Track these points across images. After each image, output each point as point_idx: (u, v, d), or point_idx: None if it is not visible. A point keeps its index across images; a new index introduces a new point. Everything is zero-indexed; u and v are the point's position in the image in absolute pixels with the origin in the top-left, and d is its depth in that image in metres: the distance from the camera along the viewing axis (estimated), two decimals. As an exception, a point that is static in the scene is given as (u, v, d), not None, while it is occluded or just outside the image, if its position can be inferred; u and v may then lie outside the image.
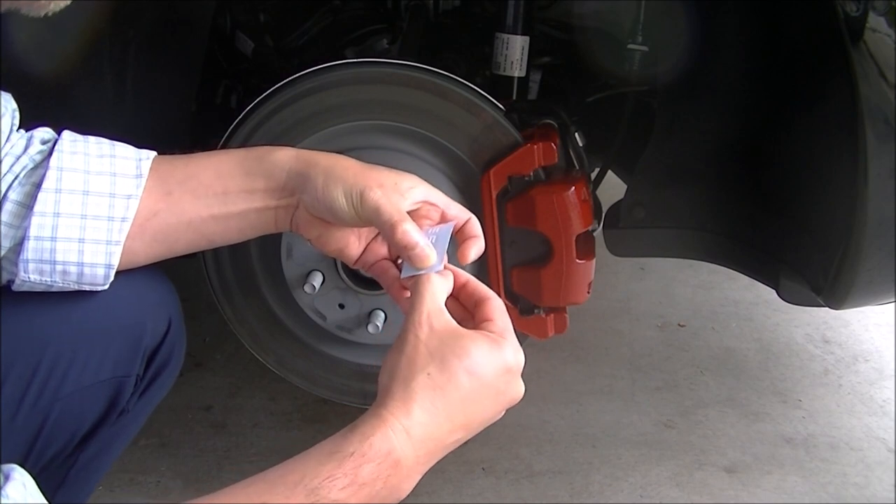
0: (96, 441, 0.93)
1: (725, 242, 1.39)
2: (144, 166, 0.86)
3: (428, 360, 0.71)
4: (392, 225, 0.79)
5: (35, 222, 0.80)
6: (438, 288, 0.77)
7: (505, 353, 0.74)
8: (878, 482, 1.57)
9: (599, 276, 1.35)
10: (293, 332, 1.39)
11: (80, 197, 0.82)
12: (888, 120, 1.07)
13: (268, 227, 0.89)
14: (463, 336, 0.73)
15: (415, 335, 0.73)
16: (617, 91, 1.42)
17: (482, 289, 0.80)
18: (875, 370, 1.93)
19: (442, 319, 0.74)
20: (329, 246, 0.88)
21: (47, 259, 0.82)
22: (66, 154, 0.83)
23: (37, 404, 0.86)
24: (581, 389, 1.80)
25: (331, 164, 0.85)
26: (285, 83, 1.25)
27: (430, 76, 1.22)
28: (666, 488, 1.54)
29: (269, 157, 0.87)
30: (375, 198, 0.81)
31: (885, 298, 1.30)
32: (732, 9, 1.24)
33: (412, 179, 0.85)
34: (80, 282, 0.84)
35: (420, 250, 0.79)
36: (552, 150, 1.23)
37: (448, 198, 0.87)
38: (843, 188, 1.14)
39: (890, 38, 1.04)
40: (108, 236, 0.83)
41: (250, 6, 1.58)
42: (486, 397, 0.73)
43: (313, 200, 0.84)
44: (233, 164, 0.88)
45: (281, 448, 1.59)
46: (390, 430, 0.68)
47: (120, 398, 0.93)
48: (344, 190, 0.82)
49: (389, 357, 0.74)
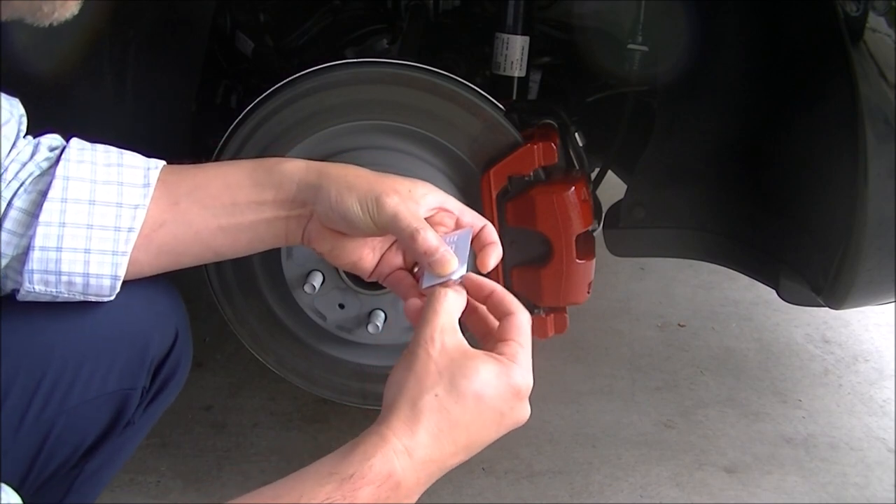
0: (101, 453, 0.92)
1: (725, 242, 1.39)
2: (152, 175, 0.84)
3: (437, 379, 0.70)
4: (412, 232, 0.78)
5: (40, 232, 0.79)
6: (453, 304, 0.76)
7: (515, 378, 0.73)
8: (878, 482, 1.58)
9: (599, 276, 1.35)
10: (293, 332, 1.39)
11: (86, 206, 0.81)
12: (888, 120, 1.07)
13: (278, 239, 0.88)
14: (474, 357, 0.72)
15: (425, 352, 0.71)
16: (617, 91, 1.41)
17: (508, 300, 0.79)
18: (875, 370, 1.93)
19: (454, 338, 0.73)
20: (342, 259, 0.87)
21: (52, 270, 0.80)
22: (72, 163, 0.82)
23: (41, 416, 0.85)
24: (581, 389, 1.80)
25: (342, 173, 0.84)
26: (285, 83, 1.25)
27: (430, 76, 1.22)
28: (666, 488, 1.54)
29: (278, 168, 0.86)
30: (393, 204, 0.80)
31: (885, 298, 1.29)
32: (732, 9, 1.24)
33: (425, 186, 0.84)
34: (86, 293, 0.83)
35: (441, 255, 0.78)
36: (552, 150, 1.23)
37: (462, 204, 0.86)
38: (843, 188, 1.14)
39: (890, 38, 1.04)
40: (114, 247, 0.82)
41: (250, 6, 1.58)
42: (491, 421, 0.72)
43: (327, 210, 0.83)
44: (242, 175, 0.86)
45: (281, 448, 1.59)
46: (392, 452, 0.67)
47: (125, 410, 0.92)
48: (359, 198, 0.81)
49: (396, 371, 0.72)
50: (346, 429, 1.64)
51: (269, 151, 1.27)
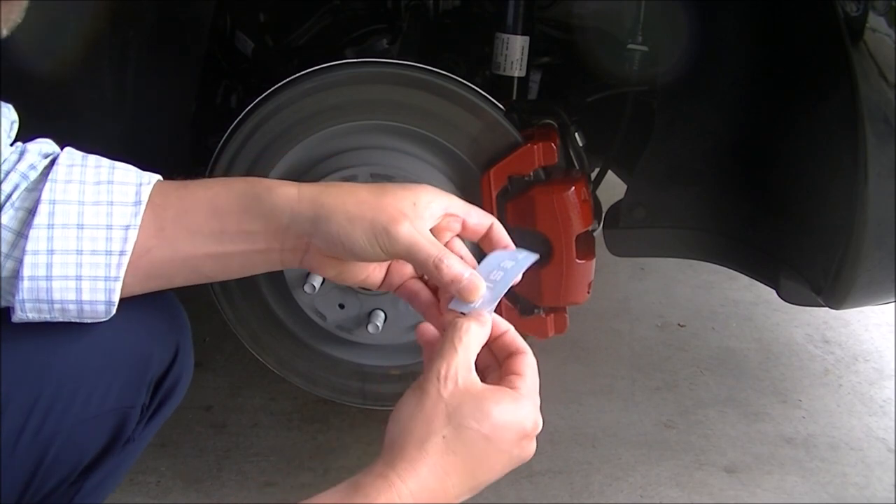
0: (101, 470, 0.90)
1: (725, 242, 1.39)
2: (144, 192, 0.80)
3: (446, 421, 0.68)
4: (434, 263, 0.75)
5: (28, 261, 0.76)
6: (474, 339, 0.73)
7: (525, 418, 0.72)
8: (878, 482, 1.57)
9: (599, 276, 1.35)
10: (293, 332, 1.39)
11: (74, 231, 0.77)
12: (888, 120, 1.07)
13: (272, 266, 0.84)
14: (486, 399, 0.70)
15: (437, 391, 0.69)
16: (617, 91, 1.41)
17: (518, 342, 0.77)
18: (875, 370, 1.93)
19: (469, 378, 0.70)
20: (349, 280, 0.84)
21: (44, 298, 0.78)
22: (59, 184, 0.78)
23: (38, 435, 0.83)
24: (581, 389, 1.80)
25: (339, 202, 0.78)
26: (285, 83, 1.25)
27: (430, 76, 1.22)
28: (666, 488, 1.54)
29: (268, 198, 0.80)
30: (405, 234, 0.75)
31: (885, 298, 1.29)
32: (732, 9, 1.23)
33: (427, 192, 0.80)
34: (81, 317, 0.81)
35: (468, 282, 0.75)
36: (552, 150, 1.23)
37: (467, 203, 0.83)
38: (843, 188, 1.14)
39: (890, 38, 1.04)
40: (106, 272, 0.78)
41: (250, 6, 1.58)
42: (498, 462, 0.71)
43: (329, 245, 0.78)
44: (230, 200, 0.81)
45: (281, 448, 1.59)
46: (396, 496, 0.65)
47: (125, 428, 0.90)
48: (364, 230, 0.76)
49: (405, 407, 0.70)
50: (346, 429, 1.64)
51: (269, 151, 1.27)
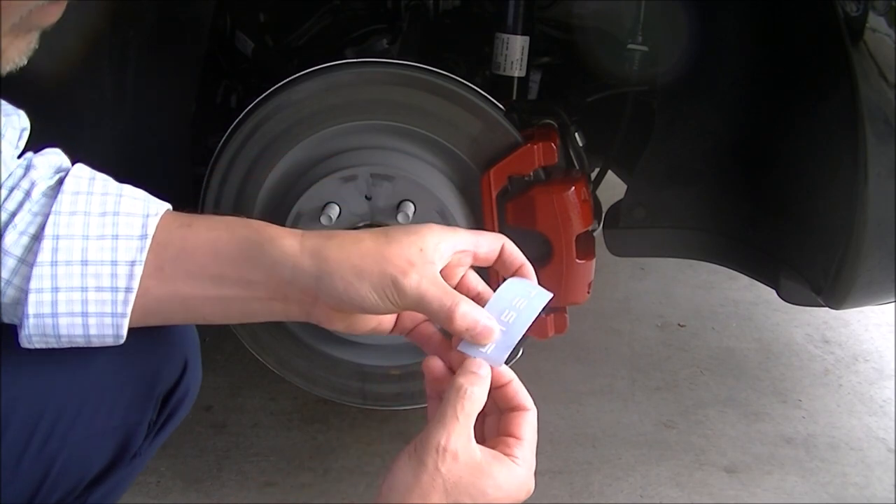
0: (106, 484, 0.90)
1: (725, 242, 1.39)
2: (151, 224, 0.78)
3: (442, 497, 0.68)
4: (447, 313, 0.73)
5: (32, 300, 0.75)
6: (475, 404, 0.72)
7: (519, 488, 0.72)
8: (878, 482, 1.57)
9: (599, 276, 1.35)
10: (293, 332, 1.39)
11: (78, 268, 0.76)
12: (888, 120, 1.07)
13: (276, 316, 0.82)
14: (483, 474, 0.70)
15: (434, 465, 0.68)
16: (617, 91, 1.41)
17: (521, 396, 0.76)
18: (875, 370, 1.93)
19: (468, 449, 0.70)
20: (359, 331, 0.82)
21: (51, 334, 0.77)
22: (63, 216, 0.76)
23: (43, 449, 0.82)
24: (581, 389, 1.80)
25: (343, 256, 0.75)
26: (285, 83, 1.25)
27: (430, 76, 1.22)
28: (666, 488, 1.54)
29: (270, 249, 0.77)
30: (414, 286, 0.73)
31: (885, 298, 1.29)
32: (732, 9, 1.24)
33: (433, 234, 0.76)
34: (90, 345, 0.80)
35: (482, 328, 0.74)
36: (552, 150, 1.23)
37: (474, 233, 0.80)
38: (843, 188, 1.14)
39: (890, 38, 1.04)
40: (112, 308, 0.77)
41: (250, 6, 1.58)
42: None
43: (336, 301, 0.76)
44: (231, 246, 0.78)
45: (281, 448, 1.59)
46: None
47: (132, 443, 0.89)
48: (372, 285, 0.74)
49: (400, 473, 0.70)
50: (346, 429, 1.64)
51: (269, 151, 1.27)
